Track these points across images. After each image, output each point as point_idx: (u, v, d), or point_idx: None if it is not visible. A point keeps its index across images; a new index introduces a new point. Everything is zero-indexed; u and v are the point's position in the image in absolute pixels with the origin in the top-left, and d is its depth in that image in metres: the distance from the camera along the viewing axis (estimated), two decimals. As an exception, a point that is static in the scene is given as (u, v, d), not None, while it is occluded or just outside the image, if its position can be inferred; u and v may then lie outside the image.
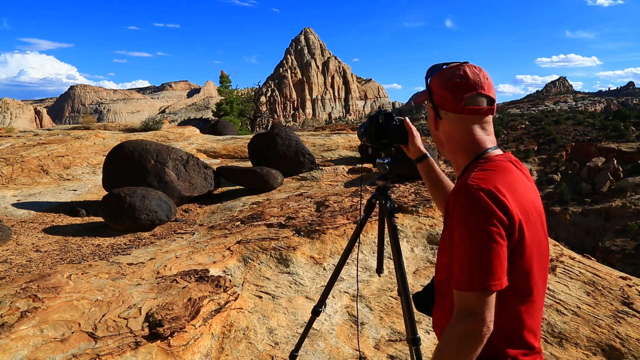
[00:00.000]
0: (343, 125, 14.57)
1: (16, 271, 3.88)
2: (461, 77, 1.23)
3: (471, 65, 1.25)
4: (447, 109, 1.25)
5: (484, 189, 1.09)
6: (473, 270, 1.06)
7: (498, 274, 1.06)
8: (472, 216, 1.08)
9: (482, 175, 1.13)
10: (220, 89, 26.74)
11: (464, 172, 1.25)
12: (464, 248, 1.08)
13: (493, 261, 1.06)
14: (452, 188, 1.28)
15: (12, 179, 7.91)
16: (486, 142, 1.25)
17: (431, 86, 1.29)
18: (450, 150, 1.30)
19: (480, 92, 1.22)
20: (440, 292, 1.30)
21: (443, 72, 1.27)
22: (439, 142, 1.35)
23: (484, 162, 1.20)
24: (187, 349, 2.50)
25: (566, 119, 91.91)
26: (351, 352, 2.79)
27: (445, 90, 1.24)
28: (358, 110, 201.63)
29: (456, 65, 1.26)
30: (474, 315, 1.06)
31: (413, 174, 6.60)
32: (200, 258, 3.69)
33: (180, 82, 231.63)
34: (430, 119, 1.35)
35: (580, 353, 2.92)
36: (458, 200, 1.11)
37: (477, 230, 1.06)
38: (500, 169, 1.17)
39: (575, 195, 57.63)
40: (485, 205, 1.07)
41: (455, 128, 1.26)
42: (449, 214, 1.14)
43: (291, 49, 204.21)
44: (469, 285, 1.06)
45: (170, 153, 6.66)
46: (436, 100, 1.27)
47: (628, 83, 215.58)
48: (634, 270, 30.94)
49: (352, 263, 3.55)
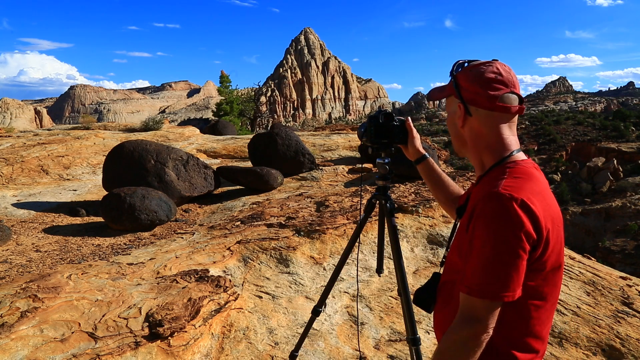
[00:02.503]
0: (343, 125, 14.57)
1: (16, 271, 3.88)
2: (495, 73, 1.20)
3: (502, 63, 1.23)
4: (479, 105, 1.20)
5: (517, 199, 1.06)
6: (488, 278, 1.05)
7: (513, 286, 1.05)
8: (499, 226, 1.05)
9: (513, 183, 1.10)
10: (220, 89, 26.75)
11: (487, 173, 1.22)
12: (484, 255, 1.06)
13: (511, 273, 1.04)
14: (474, 190, 1.24)
15: (12, 179, 7.91)
16: (512, 143, 1.23)
17: (459, 82, 1.23)
18: (474, 149, 1.26)
19: (512, 90, 1.20)
20: (445, 293, 1.29)
21: (473, 67, 1.22)
22: (461, 141, 1.30)
23: (512, 166, 1.17)
24: (187, 349, 2.50)
25: (566, 119, 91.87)
26: (351, 352, 2.79)
27: (479, 85, 1.20)
28: (358, 110, 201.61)
29: (487, 62, 1.23)
30: (478, 321, 1.06)
31: (413, 174, 6.60)
32: (200, 258, 3.69)
33: (180, 82, 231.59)
34: (454, 116, 1.29)
35: (580, 353, 2.92)
36: (488, 207, 1.07)
37: (501, 240, 1.04)
38: (528, 177, 1.14)
39: (575, 195, 57.62)
40: (515, 217, 1.04)
41: (484, 126, 1.22)
42: (473, 217, 1.11)
43: (291, 49, 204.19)
44: (481, 293, 1.05)
45: (170, 153, 6.66)
46: (466, 96, 1.22)
47: (628, 83, 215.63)
48: (634, 270, 30.95)
49: (352, 263, 3.54)
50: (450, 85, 1.27)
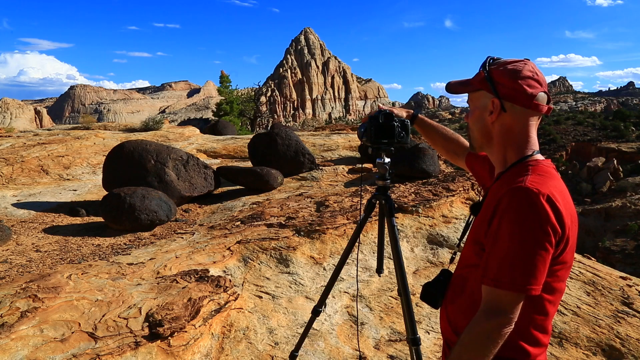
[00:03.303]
0: (343, 125, 14.57)
1: (16, 271, 3.88)
2: (532, 72, 1.22)
3: (533, 63, 1.25)
4: (517, 101, 1.21)
5: (544, 194, 1.08)
6: (517, 271, 1.06)
7: (540, 279, 1.07)
8: (527, 219, 1.07)
9: (538, 180, 1.12)
10: (220, 89, 26.76)
11: (508, 169, 1.23)
12: (512, 248, 1.07)
13: (538, 266, 1.07)
14: (493, 186, 1.26)
15: (12, 179, 7.91)
16: (536, 143, 1.25)
17: (495, 77, 1.23)
18: (501, 145, 1.27)
19: (545, 90, 1.23)
20: (456, 286, 1.31)
21: (509, 64, 1.23)
22: (488, 136, 1.30)
23: (534, 165, 1.19)
24: (187, 349, 2.50)
25: (566, 119, 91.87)
26: (351, 352, 2.79)
27: (518, 82, 1.20)
28: (358, 110, 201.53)
29: (521, 60, 1.24)
30: (504, 313, 1.08)
31: (413, 174, 6.61)
32: (200, 258, 3.69)
33: (180, 82, 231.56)
34: (483, 111, 1.28)
35: (580, 353, 2.92)
36: (515, 201, 1.09)
37: (529, 233, 1.06)
38: (551, 175, 1.17)
39: (575, 195, 57.60)
40: (542, 211, 1.06)
41: (517, 122, 1.23)
42: (497, 212, 1.12)
43: (291, 49, 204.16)
44: (510, 285, 1.07)
45: (170, 153, 6.66)
46: (504, 92, 1.22)
47: (628, 83, 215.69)
48: (634, 270, 30.92)
49: (352, 263, 3.54)
50: (480, 80, 1.27)
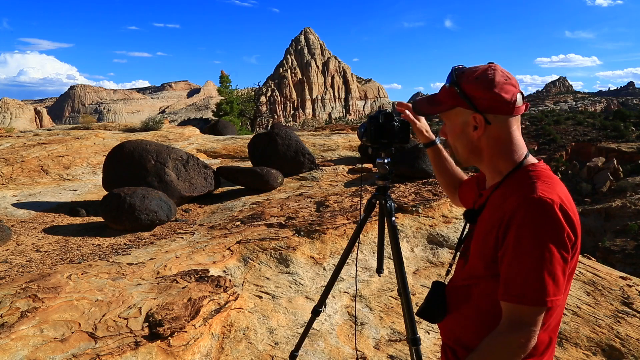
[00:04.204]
0: (343, 125, 14.58)
1: (16, 271, 3.88)
2: (504, 75, 1.17)
3: (498, 65, 1.21)
4: (499, 111, 1.17)
5: (557, 203, 1.06)
6: (541, 286, 1.05)
7: (561, 289, 1.07)
8: (548, 233, 1.05)
9: (548, 188, 1.10)
10: (220, 89, 26.76)
11: (506, 178, 1.20)
12: (534, 264, 1.05)
13: (560, 277, 1.06)
14: (492, 196, 1.22)
15: (12, 179, 7.91)
16: (523, 145, 1.22)
17: (469, 92, 1.17)
18: (491, 156, 1.23)
19: (519, 89, 1.19)
20: (459, 297, 1.28)
21: (477, 74, 1.17)
22: (476, 151, 1.25)
23: (533, 171, 1.17)
24: (187, 349, 2.50)
25: (566, 119, 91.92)
26: (351, 352, 2.79)
27: (496, 92, 1.16)
28: (358, 110, 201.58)
29: (487, 66, 1.19)
30: (528, 326, 1.07)
31: (413, 174, 6.61)
32: (200, 258, 3.69)
33: (180, 82, 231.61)
34: (465, 127, 1.23)
35: (580, 353, 2.92)
36: (530, 213, 1.07)
37: (549, 247, 1.05)
38: (555, 181, 1.15)
39: (575, 195, 57.61)
40: (558, 222, 1.05)
41: (503, 130, 1.20)
42: (511, 225, 1.09)
43: (291, 49, 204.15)
44: (534, 300, 1.05)
45: (170, 153, 6.66)
46: (484, 105, 1.17)
47: (628, 83, 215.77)
48: (634, 270, 30.92)
49: (352, 263, 3.54)
50: (452, 96, 1.21)
